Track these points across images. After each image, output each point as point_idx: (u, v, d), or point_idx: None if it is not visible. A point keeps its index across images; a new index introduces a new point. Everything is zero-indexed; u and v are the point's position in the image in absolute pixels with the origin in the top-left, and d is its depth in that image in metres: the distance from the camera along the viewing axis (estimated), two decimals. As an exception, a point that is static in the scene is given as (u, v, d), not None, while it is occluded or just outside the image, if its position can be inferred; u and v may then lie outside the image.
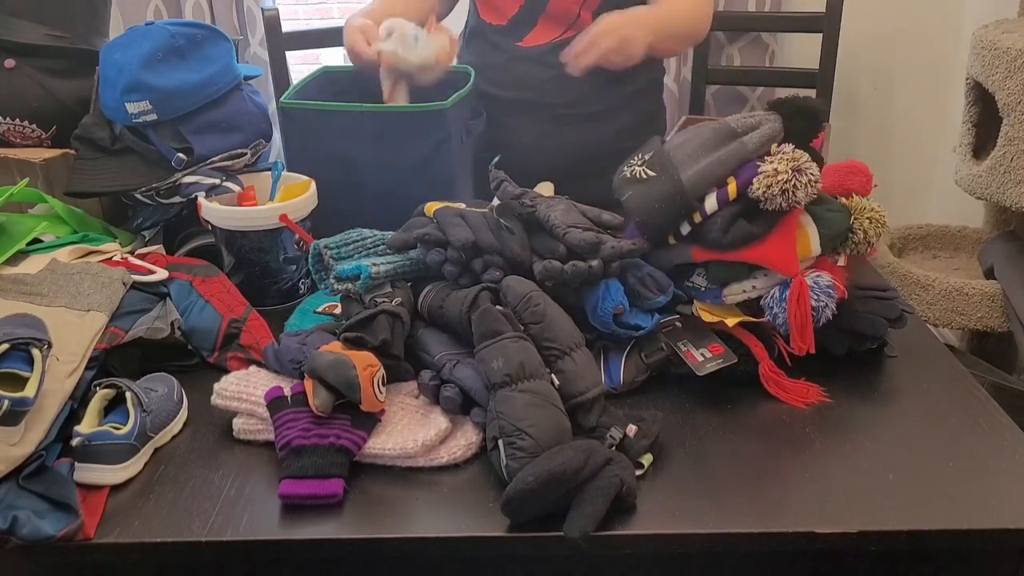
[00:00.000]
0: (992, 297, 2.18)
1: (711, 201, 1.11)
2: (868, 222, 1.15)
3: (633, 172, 1.16)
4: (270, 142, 1.49)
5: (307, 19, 3.18)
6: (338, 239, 1.17)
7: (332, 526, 0.90)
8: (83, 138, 1.39)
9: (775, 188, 1.05)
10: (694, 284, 1.16)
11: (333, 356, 0.98)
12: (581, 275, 1.08)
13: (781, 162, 1.06)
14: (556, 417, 0.95)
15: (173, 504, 0.93)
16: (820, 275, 1.10)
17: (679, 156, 1.13)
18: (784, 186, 1.05)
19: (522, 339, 1.00)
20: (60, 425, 0.98)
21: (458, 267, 1.11)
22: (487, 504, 0.92)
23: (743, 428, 1.04)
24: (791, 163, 1.06)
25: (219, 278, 1.27)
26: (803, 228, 1.12)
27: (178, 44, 1.35)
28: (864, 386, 1.12)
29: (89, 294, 1.14)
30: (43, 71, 1.46)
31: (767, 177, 1.06)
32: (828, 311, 1.08)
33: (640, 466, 0.96)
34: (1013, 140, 2.05)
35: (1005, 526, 0.89)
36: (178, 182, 1.35)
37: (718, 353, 1.09)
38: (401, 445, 0.97)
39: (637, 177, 1.15)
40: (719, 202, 1.10)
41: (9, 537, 0.87)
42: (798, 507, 0.92)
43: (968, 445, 1.01)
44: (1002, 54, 2.03)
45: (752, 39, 2.71)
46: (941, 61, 2.73)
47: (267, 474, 0.97)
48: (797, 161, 1.06)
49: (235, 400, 1.04)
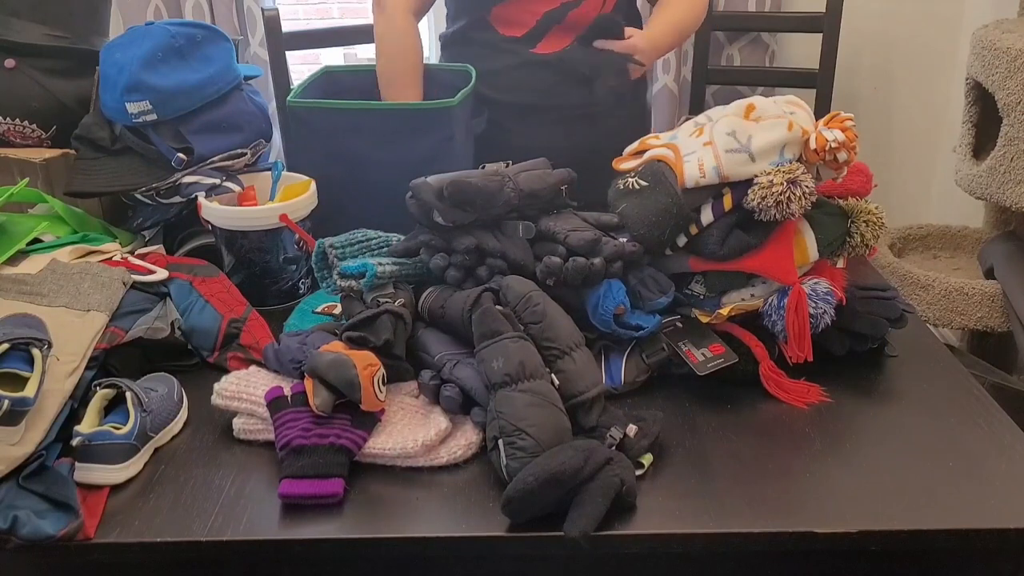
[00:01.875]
0: (992, 297, 2.18)
1: (707, 213, 1.11)
2: (865, 225, 1.15)
3: (626, 183, 1.16)
4: (270, 142, 1.49)
5: (307, 19, 3.18)
6: (343, 239, 1.17)
7: (332, 526, 0.90)
8: (83, 138, 1.39)
9: (770, 200, 1.05)
10: (692, 292, 1.16)
11: (333, 355, 0.98)
12: (582, 272, 1.09)
13: (777, 174, 1.06)
14: (556, 417, 0.95)
15: (173, 504, 0.93)
16: (818, 282, 1.09)
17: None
18: (779, 198, 1.05)
19: (522, 339, 1.00)
20: (60, 425, 0.98)
21: (461, 272, 1.11)
22: (487, 504, 0.92)
23: (743, 428, 1.04)
24: (786, 175, 1.05)
25: (219, 278, 1.27)
26: (800, 235, 1.12)
27: (178, 44, 1.35)
28: (864, 386, 1.13)
29: (89, 294, 1.14)
30: (43, 71, 1.46)
31: (762, 188, 1.06)
32: (827, 317, 1.08)
33: (640, 466, 0.96)
34: (1013, 140, 2.05)
35: (1005, 526, 0.89)
36: (178, 182, 1.35)
37: (719, 353, 1.09)
38: (401, 445, 0.97)
39: (631, 188, 1.15)
40: (715, 213, 1.10)
41: (9, 537, 0.87)
42: (798, 507, 0.92)
43: (968, 445, 1.01)
44: (1002, 54, 2.03)
45: (752, 39, 2.71)
46: (941, 61, 2.73)
47: (267, 474, 0.97)
48: (792, 173, 1.05)
49: (235, 400, 1.04)
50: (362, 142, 1.40)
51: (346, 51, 3.01)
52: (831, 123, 1.11)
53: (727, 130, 1.10)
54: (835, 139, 1.09)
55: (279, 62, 2.39)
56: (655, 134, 1.25)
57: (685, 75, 2.69)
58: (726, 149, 1.08)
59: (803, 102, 1.16)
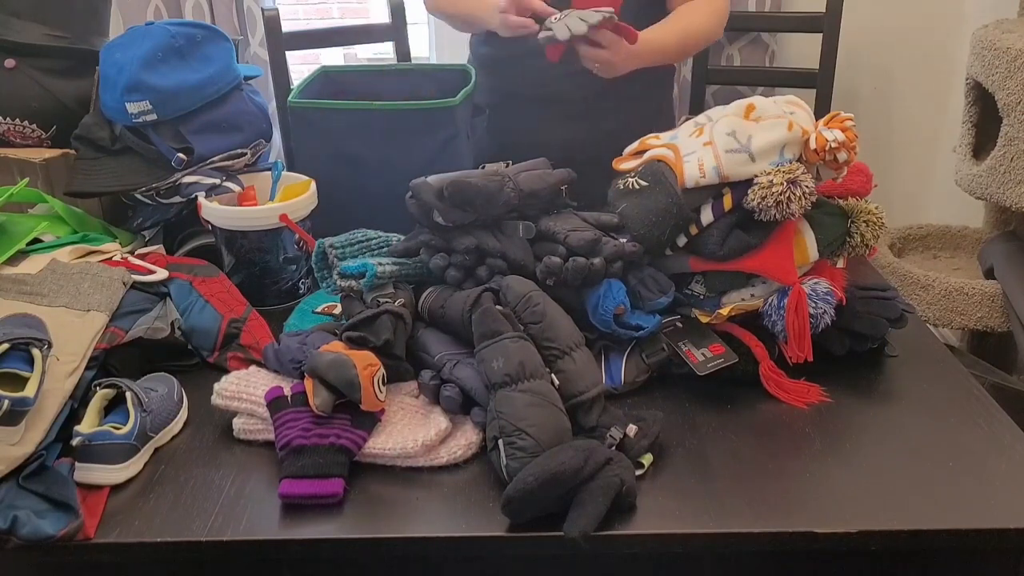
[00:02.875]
0: (992, 297, 2.18)
1: (707, 213, 1.10)
2: (865, 225, 1.15)
3: (626, 183, 1.16)
4: (270, 142, 1.49)
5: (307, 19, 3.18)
6: (343, 239, 1.17)
7: (332, 526, 0.90)
8: (83, 138, 1.39)
9: (770, 200, 1.05)
10: (692, 292, 1.16)
11: (333, 355, 0.98)
12: (582, 272, 1.09)
13: (777, 174, 1.05)
14: (556, 417, 0.95)
15: (173, 504, 0.93)
16: (818, 282, 1.09)
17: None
18: (779, 198, 1.05)
19: (522, 339, 1.00)
20: (60, 425, 0.98)
21: (461, 272, 1.11)
22: (487, 504, 0.92)
23: (743, 428, 1.04)
24: (786, 175, 1.05)
25: (219, 278, 1.27)
26: (800, 235, 1.12)
27: (178, 44, 1.35)
28: (864, 386, 1.13)
29: (89, 294, 1.14)
30: (43, 71, 1.46)
31: (762, 188, 1.06)
32: (827, 317, 1.08)
33: (640, 466, 0.96)
34: (1013, 140, 2.05)
35: (1005, 526, 0.89)
36: (178, 182, 1.35)
37: (719, 353, 1.09)
38: (401, 445, 0.97)
39: (630, 188, 1.15)
40: (715, 213, 1.10)
41: (9, 537, 0.87)
42: (798, 507, 0.92)
43: (968, 445, 1.01)
44: (1002, 54, 2.03)
45: (752, 39, 2.71)
46: (941, 61, 2.73)
47: (267, 474, 0.97)
48: (792, 173, 1.05)
49: (235, 400, 1.04)
50: (363, 142, 1.40)
51: (346, 51, 3.02)
52: (831, 123, 1.11)
53: (727, 130, 1.10)
54: (835, 139, 1.09)
55: (279, 62, 2.39)
56: (655, 134, 1.25)
57: (685, 75, 2.69)
58: (726, 149, 1.08)
59: (803, 102, 1.16)
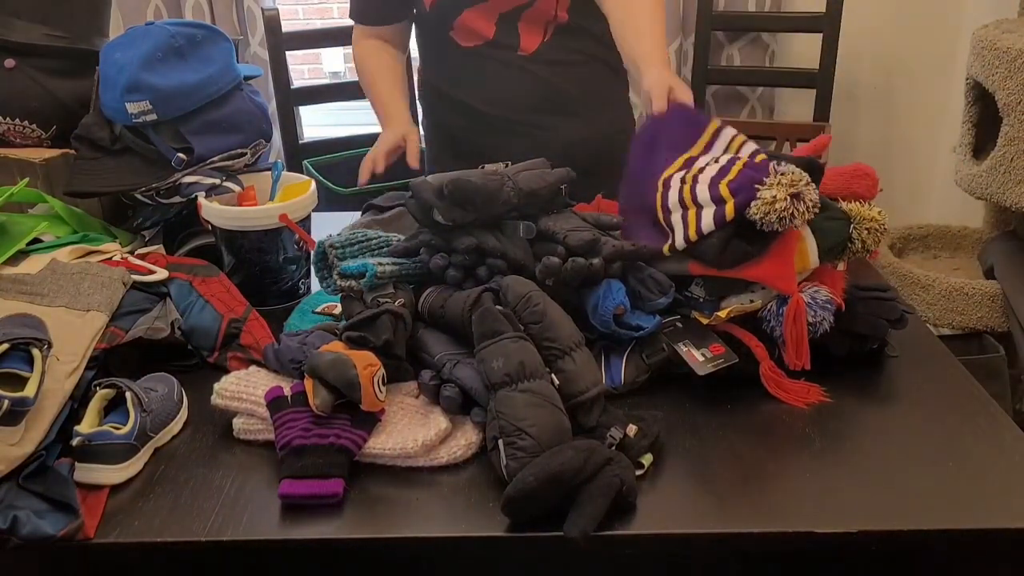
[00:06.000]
0: (992, 297, 2.18)
1: (707, 219, 1.09)
2: (867, 232, 1.13)
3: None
4: (270, 142, 1.49)
5: (307, 19, 3.19)
6: (343, 239, 1.17)
7: (332, 526, 0.90)
8: (83, 138, 1.39)
9: (772, 216, 1.04)
10: (692, 294, 1.16)
11: (333, 355, 0.98)
12: (581, 272, 1.08)
13: (780, 188, 1.04)
14: (556, 417, 0.95)
15: (173, 504, 0.93)
16: (818, 290, 1.09)
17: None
18: (782, 214, 1.03)
19: (522, 339, 1.00)
20: (60, 425, 0.98)
21: (461, 272, 1.11)
22: (487, 504, 0.92)
23: (743, 428, 1.04)
24: (789, 189, 1.03)
25: (219, 278, 1.27)
26: (802, 241, 1.10)
27: (178, 44, 1.35)
28: (864, 386, 1.12)
29: (89, 294, 1.14)
30: (43, 71, 1.46)
31: (765, 204, 1.04)
32: (825, 324, 1.08)
33: (640, 466, 0.96)
34: (1013, 140, 2.05)
35: (1005, 526, 0.89)
36: (178, 182, 1.35)
37: (719, 353, 1.08)
38: (401, 445, 0.97)
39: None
40: (716, 222, 1.08)
41: (9, 537, 0.87)
42: (798, 507, 0.92)
43: (968, 445, 1.00)
44: (1002, 54, 2.03)
45: (752, 39, 2.71)
46: (941, 61, 2.73)
47: (267, 474, 0.97)
48: (796, 186, 1.04)
49: (235, 400, 1.04)
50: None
51: (346, 51, 3.02)
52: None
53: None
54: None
55: (279, 62, 2.40)
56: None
57: (685, 75, 2.69)
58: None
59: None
